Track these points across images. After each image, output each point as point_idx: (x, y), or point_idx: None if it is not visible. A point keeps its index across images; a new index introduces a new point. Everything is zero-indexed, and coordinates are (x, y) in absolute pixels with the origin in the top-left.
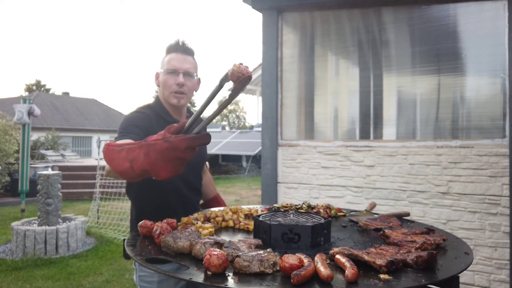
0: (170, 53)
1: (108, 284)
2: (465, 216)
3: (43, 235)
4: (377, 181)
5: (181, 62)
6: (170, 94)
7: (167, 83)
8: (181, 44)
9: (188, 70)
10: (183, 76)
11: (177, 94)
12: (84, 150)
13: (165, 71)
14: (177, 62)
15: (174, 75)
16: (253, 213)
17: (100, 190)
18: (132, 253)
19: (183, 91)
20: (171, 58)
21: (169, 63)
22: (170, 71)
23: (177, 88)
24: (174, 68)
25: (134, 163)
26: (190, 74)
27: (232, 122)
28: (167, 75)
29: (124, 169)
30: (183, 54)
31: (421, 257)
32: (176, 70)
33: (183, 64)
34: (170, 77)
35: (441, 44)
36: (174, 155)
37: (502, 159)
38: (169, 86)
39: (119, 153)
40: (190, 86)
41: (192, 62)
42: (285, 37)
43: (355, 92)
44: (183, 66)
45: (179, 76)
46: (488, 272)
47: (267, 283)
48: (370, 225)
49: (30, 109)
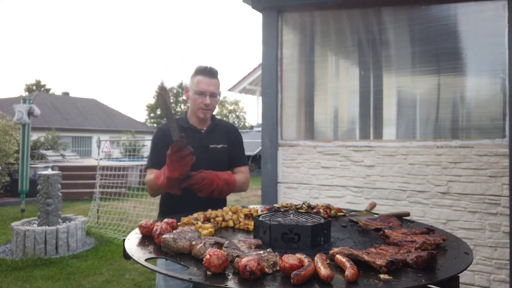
0: (199, 75)
1: (108, 284)
2: (465, 216)
3: (43, 235)
4: (377, 181)
5: (208, 85)
6: (198, 109)
7: (196, 101)
8: (208, 69)
9: (213, 92)
10: (209, 98)
11: (204, 110)
12: (84, 150)
13: (195, 92)
14: (205, 85)
15: (202, 96)
16: (253, 213)
17: (100, 190)
18: (132, 253)
19: (208, 108)
20: (200, 81)
21: (198, 85)
22: (199, 92)
23: (204, 106)
24: (202, 90)
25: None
26: (214, 95)
27: (232, 122)
28: (196, 95)
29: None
30: (210, 78)
31: (421, 257)
32: (204, 92)
33: (209, 87)
34: (198, 97)
35: (441, 44)
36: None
37: (502, 159)
38: (197, 104)
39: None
40: (214, 104)
41: (217, 83)
42: (285, 37)
43: (355, 92)
44: (209, 89)
45: (206, 97)
46: (488, 272)
47: (267, 283)
48: (370, 225)
49: (30, 109)
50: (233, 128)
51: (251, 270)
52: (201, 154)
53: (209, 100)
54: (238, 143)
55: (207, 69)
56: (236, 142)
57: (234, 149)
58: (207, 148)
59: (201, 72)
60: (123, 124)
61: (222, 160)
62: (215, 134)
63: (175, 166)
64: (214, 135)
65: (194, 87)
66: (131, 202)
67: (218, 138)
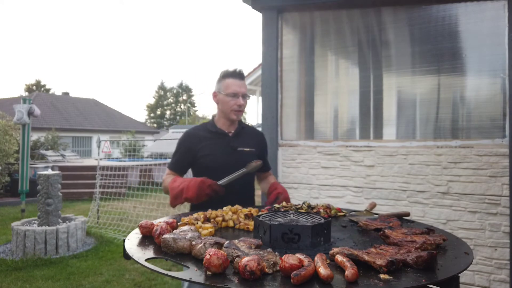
0: (228, 78)
1: (108, 284)
2: (465, 216)
3: (43, 235)
4: (377, 181)
5: (239, 86)
6: (231, 111)
7: (229, 104)
8: (238, 71)
9: (244, 93)
10: (243, 99)
11: (237, 112)
12: (84, 150)
13: (227, 94)
14: (237, 87)
15: (235, 98)
16: (253, 213)
17: (100, 190)
18: (132, 253)
19: (241, 109)
20: (230, 83)
21: (230, 88)
22: (231, 94)
23: (237, 108)
24: (235, 92)
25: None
26: (246, 95)
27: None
28: (229, 98)
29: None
30: (240, 79)
31: (421, 257)
32: (237, 94)
33: (241, 88)
34: (231, 99)
35: (441, 44)
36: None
37: (502, 159)
38: (230, 106)
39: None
40: (246, 105)
41: (245, 85)
42: (285, 37)
43: (355, 92)
44: (241, 90)
45: (239, 98)
46: (488, 272)
47: (267, 283)
48: (370, 225)
49: (30, 109)
50: (259, 133)
51: (251, 270)
52: (229, 156)
53: (242, 101)
54: (265, 148)
55: (236, 72)
56: (264, 147)
57: (262, 154)
58: (235, 150)
59: (230, 75)
60: (123, 124)
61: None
62: (243, 137)
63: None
64: (242, 138)
65: (224, 90)
66: (131, 202)
67: (246, 141)
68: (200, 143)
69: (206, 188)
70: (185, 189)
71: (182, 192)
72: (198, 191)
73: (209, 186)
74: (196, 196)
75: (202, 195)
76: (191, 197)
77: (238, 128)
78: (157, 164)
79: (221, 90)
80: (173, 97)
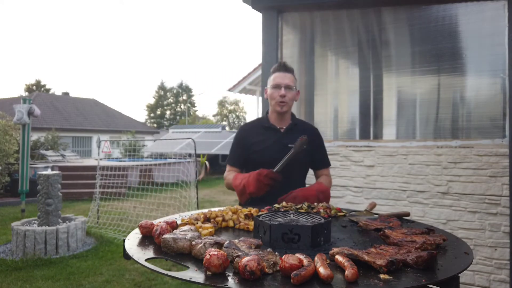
0: (274, 72)
1: (108, 284)
2: (465, 216)
3: (43, 235)
4: (377, 181)
5: (282, 78)
6: (275, 103)
7: (273, 95)
8: (282, 65)
9: (288, 84)
10: (284, 89)
11: (281, 103)
12: (84, 150)
13: (271, 87)
14: (280, 78)
15: (277, 89)
16: (253, 213)
17: (100, 190)
18: (132, 253)
19: (284, 100)
20: (275, 76)
21: (274, 80)
22: (275, 86)
23: (280, 98)
24: (277, 83)
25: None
26: (290, 87)
27: (232, 122)
28: (273, 89)
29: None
30: (284, 72)
31: (421, 257)
32: (279, 85)
33: (284, 80)
34: (275, 91)
35: (441, 44)
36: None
37: (502, 159)
38: (274, 97)
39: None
40: (290, 97)
41: (291, 78)
42: (285, 37)
43: (355, 92)
44: (284, 81)
45: (281, 89)
46: (488, 272)
47: (267, 283)
48: (370, 225)
49: (30, 109)
50: (313, 129)
51: (251, 270)
52: (279, 153)
53: (284, 91)
54: (320, 144)
55: (281, 64)
56: (318, 143)
57: (316, 150)
58: (286, 147)
59: (276, 69)
60: (123, 124)
61: (301, 160)
62: (295, 133)
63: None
64: (294, 134)
65: (270, 84)
66: (131, 202)
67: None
68: (253, 138)
69: (263, 179)
70: (246, 185)
71: (245, 188)
72: (257, 183)
73: (265, 176)
74: (257, 189)
75: (262, 186)
76: (253, 191)
77: (291, 125)
78: (157, 164)
79: (269, 84)
80: (173, 97)
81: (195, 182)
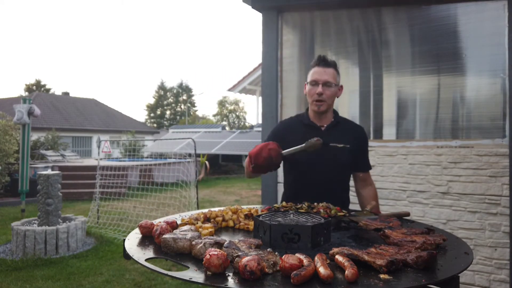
0: (314, 66)
1: (108, 284)
2: (465, 216)
3: (43, 235)
4: (377, 181)
5: (320, 74)
6: (312, 102)
7: (309, 93)
8: (322, 58)
9: (327, 80)
10: (322, 86)
11: (317, 102)
12: (84, 150)
13: (309, 83)
14: (318, 74)
15: (315, 86)
16: (253, 213)
17: (100, 190)
18: (132, 253)
19: (321, 99)
20: (314, 71)
21: (312, 76)
22: (313, 82)
23: (317, 97)
24: (315, 80)
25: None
26: (329, 84)
27: (232, 122)
28: (310, 86)
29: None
30: (324, 67)
31: (421, 257)
32: (317, 82)
33: (322, 76)
34: (312, 88)
35: (441, 44)
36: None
37: (502, 159)
38: (311, 95)
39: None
40: (329, 94)
41: (331, 72)
42: (285, 37)
43: (355, 92)
44: (322, 78)
45: (318, 86)
46: (488, 272)
47: (267, 283)
48: (370, 225)
49: (30, 109)
50: (358, 129)
51: (251, 270)
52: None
53: (321, 89)
54: (364, 145)
55: (321, 58)
56: (361, 144)
57: (359, 151)
58: (326, 146)
59: (315, 63)
60: (123, 124)
61: (342, 160)
62: (337, 132)
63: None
64: (335, 133)
65: (308, 79)
66: (131, 202)
67: (340, 136)
68: (292, 135)
69: (265, 150)
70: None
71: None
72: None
73: (270, 149)
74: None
75: (260, 157)
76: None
77: (333, 122)
78: (157, 164)
79: (308, 79)
80: (173, 97)
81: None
